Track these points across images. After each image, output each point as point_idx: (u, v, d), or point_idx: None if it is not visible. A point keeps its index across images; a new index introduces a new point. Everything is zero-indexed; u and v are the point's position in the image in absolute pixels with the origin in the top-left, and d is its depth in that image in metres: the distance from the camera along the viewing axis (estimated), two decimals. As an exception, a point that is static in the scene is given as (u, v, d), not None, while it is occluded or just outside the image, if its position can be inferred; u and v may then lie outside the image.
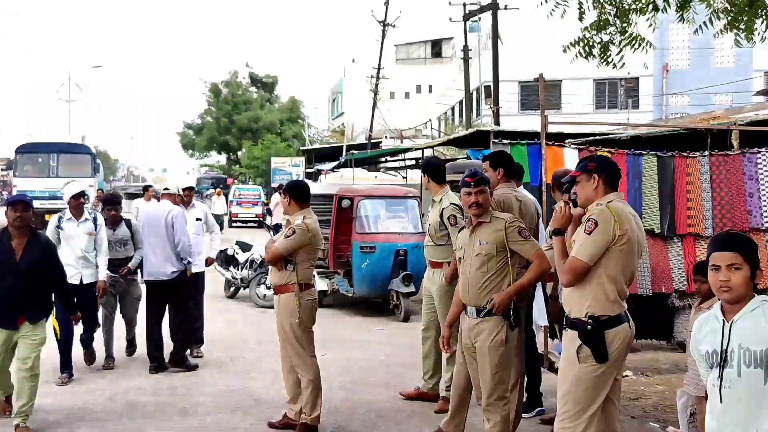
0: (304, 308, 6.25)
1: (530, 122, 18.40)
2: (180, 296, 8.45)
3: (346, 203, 12.26)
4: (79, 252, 7.93)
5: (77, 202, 8.03)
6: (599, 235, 4.24)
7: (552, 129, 11.05)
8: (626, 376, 7.91)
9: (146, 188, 14.56)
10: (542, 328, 7.63)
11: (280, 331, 6.40)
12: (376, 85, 36.71)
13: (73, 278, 7.62)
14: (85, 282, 7.92)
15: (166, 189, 8.81)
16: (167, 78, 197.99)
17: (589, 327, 4.27)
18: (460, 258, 5.41)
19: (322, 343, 9.61)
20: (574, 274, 4.29)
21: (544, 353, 7.88)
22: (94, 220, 8.05)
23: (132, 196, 26.85)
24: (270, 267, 6.47)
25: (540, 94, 8.14)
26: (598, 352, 4.25)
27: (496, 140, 8.59)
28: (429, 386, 7.25)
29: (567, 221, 4.59)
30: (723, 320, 3.15)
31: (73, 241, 7.92)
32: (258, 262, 12.92)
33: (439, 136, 33.27)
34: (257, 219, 32.66)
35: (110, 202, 8.70)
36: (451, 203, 6.90)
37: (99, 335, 8.44)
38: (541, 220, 6.69)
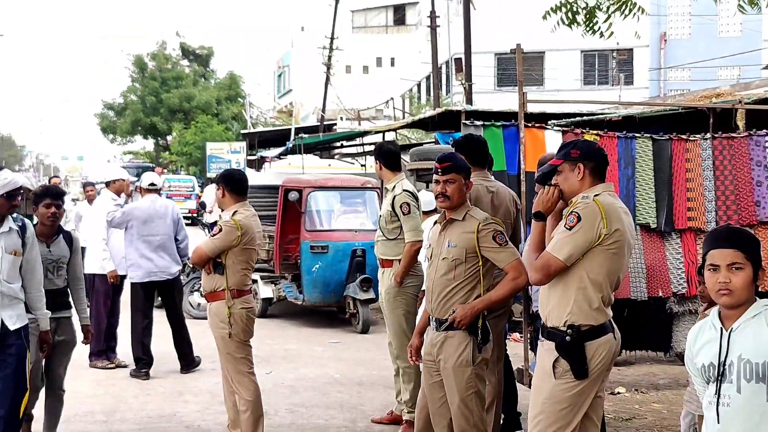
0: (237, 318, 6.26)
1: (508, 100, 18.47)
2: (179, 295, 9.70)
3: (293, 196, 12.20)
4: None
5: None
6: (581, 233, 4.26)
7: (532, 108, 11.16)
8: (619, 393, 8.02)
9: (86, 186, 13.71)
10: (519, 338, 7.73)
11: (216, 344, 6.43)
12: (329, 58, 36.63)
13: None
14: (9, 328, 5.52)
15: (152, 185, 9.54)
16: (83, 50, 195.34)
17: (567, 338, 4.31)
18: (427, 258, 5.41)
19: (266, 359, 9.65)
20: (546, 273, 4.32)
21: (523, 368, 7.96)
22: (21, 229, 5.71)
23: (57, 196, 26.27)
24: (202, 272, 6.50)
25: (518, 67, 8.16)
26: (578, 367, 4.28)
27: (467, 122, 8.59)
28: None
29: (553, 205, 4.57)
30: (721, 328, 3.19)
31: None
32: (191, 266, 12.83)
33: (403, 117, 33.32)
34: (190, 215, 32.43)
35: (50, 196, 6.49)
36: (404, 190, 7.04)
37: None
38: (520, 216, 6.73)
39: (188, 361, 9.35)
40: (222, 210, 6.70)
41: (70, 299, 6.55)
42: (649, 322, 8.17)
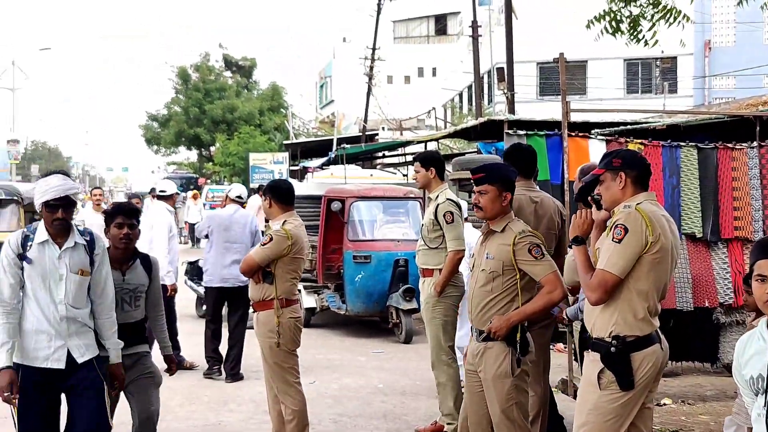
0: (285, 327, 6.29)
1: (551, 110, 18.42)
2: (245, 306, 9.43)
3: (336, 206, 12.27)
4: (60, 307, 4.91)
5: (61, 214, 4.93)
6: (630, 243, 4.25)
7: (575, 117, 11.13)
8: (665, 404, 7.93)
9: (131, 197, 12.90)
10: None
11: (261, 354, 6.45)
12: (371, 68, 36.76)
13: (48, 359, 4.87)
14: (77, 360, 4.93)
15: (239, 197, 10.12)
16: (127, 62, 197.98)
17: (613, 349, 4.29)
18: (470, 268, 5.43)
19: (310, 369, 9.68)
20: (604, 290, 4.29)
21: (567, 378, 7.91)
22: (89, 244, 5.05)
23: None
24: (249, 281, 6.53)
25: (561, 76, 8.16)
26: (623, 378, 4.26)
27: (510, 131, 8.61)
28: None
29: (588, 227, 4.60)
30: (769, 339, 3.16)
31: (48, 284, 4.92)
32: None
33: (445, 127, 33.32)
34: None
35: (122, 214, 5.60)
36: (447, 199, 7.01)
37: None
38: (566, 226, 6.69)
39: (234, 373, 9.43)
40: (267, 220, 6.74)
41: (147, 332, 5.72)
42: (695, 332, 8.10)
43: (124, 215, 5.51)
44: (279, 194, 6.48)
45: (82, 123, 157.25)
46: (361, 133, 33.62)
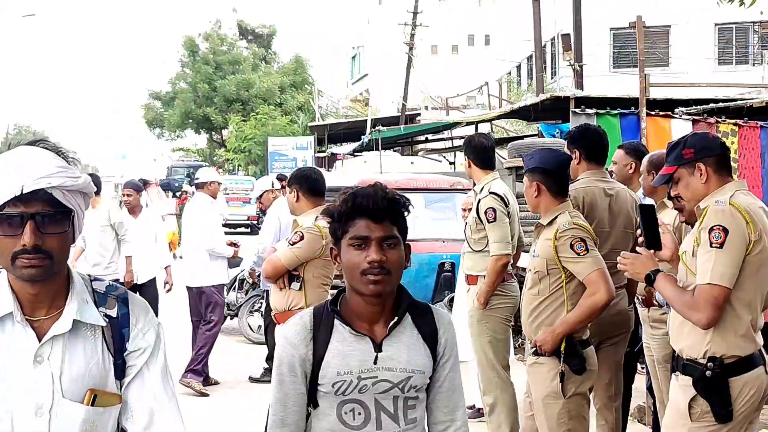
0: None
1: (626, 84, 18.33)
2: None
3: (369, 199, 12.27)
4: None
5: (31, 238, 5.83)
6: (734, 246, 4.10)
7: (655, 93, 11.05)
8: (763, 437, 7.86)
9: (125, 187, 12.22)
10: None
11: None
12: (412, 36, 36.75)
13: None
14: None
15: (282, 180, 10.89)
16: (124, 31, 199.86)
17: (708, 373, 4.21)
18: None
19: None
20: (716, 306, 4.11)
21: (644, 405, 7.85)
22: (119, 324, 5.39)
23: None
24: (270, 287, 6.50)
25: (638, 44, 8.13)
26: (720, 408, 4.18)
27: (577, 110, 8.59)
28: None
29: (650, 263, 4.44)
30: None
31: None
32: (250, 282, 12.98)
33: (500, 105, 33.24)
34: (249, 222, 32.80)
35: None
36: (491, 192, 6.87)
37: None
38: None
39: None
40: (294, 216, 6.66)
41: None
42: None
43: None
44: (309, 185, 6.43)
45: (73, 103, 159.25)
46: (399, 114, 33.67)
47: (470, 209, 8.94)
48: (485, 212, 6.82)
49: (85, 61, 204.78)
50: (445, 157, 25.58)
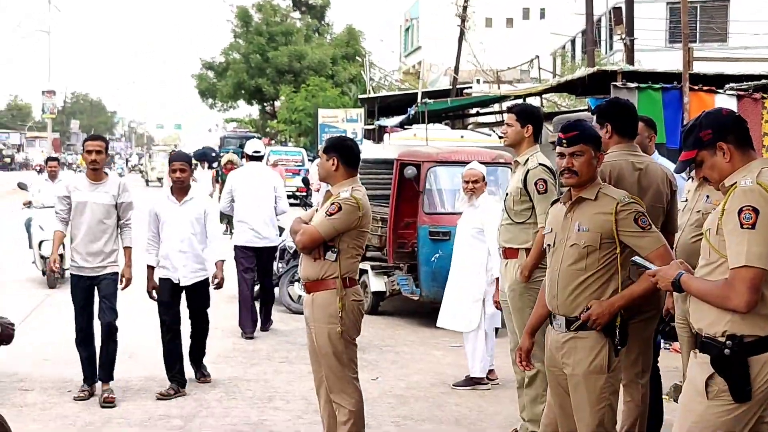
0: (349, 311, 6.31)
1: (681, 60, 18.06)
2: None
3: (410, 172, 12.19)
4: None
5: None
6: (767, 226, 4.09)
7: (705, 68, 10.88)
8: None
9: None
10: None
11: (312, 343, 6.48)
12: (464, 8, 36.50)
13: None
14: None
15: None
16: (179, 2, 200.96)
17: (727, 351, 4.18)
18: (549, 245, 5.35)
19: (374, 363, 9.77)
20: (754, 289, 4.08)
21: (681, 383, 7.79)
22: None
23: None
24: (303, 257, 6.53)
25: (682, 16, 8.02)
26: (737, 387, 4.15)
27: (619, 83, 8.49)
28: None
29: (673, 272, 4.45)
30: None
31: None
32: (291, 252, 13.05)
33: (553, 78, 32.96)
34: (298, 194, 32.91)
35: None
36: (540, 164, 6.87)
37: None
38: (676, 198, 6.54)
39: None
40: (327, 186, 6.66)
41: None
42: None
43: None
44: (349, 155, 6.46)
45: (128, 73, 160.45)
46: (451, 87, 33.51)
47: (473, 181, 8.95)
48: (535, 183, 6.79)
49: (140, 30, 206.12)
50: (494, 130, 25.40)
